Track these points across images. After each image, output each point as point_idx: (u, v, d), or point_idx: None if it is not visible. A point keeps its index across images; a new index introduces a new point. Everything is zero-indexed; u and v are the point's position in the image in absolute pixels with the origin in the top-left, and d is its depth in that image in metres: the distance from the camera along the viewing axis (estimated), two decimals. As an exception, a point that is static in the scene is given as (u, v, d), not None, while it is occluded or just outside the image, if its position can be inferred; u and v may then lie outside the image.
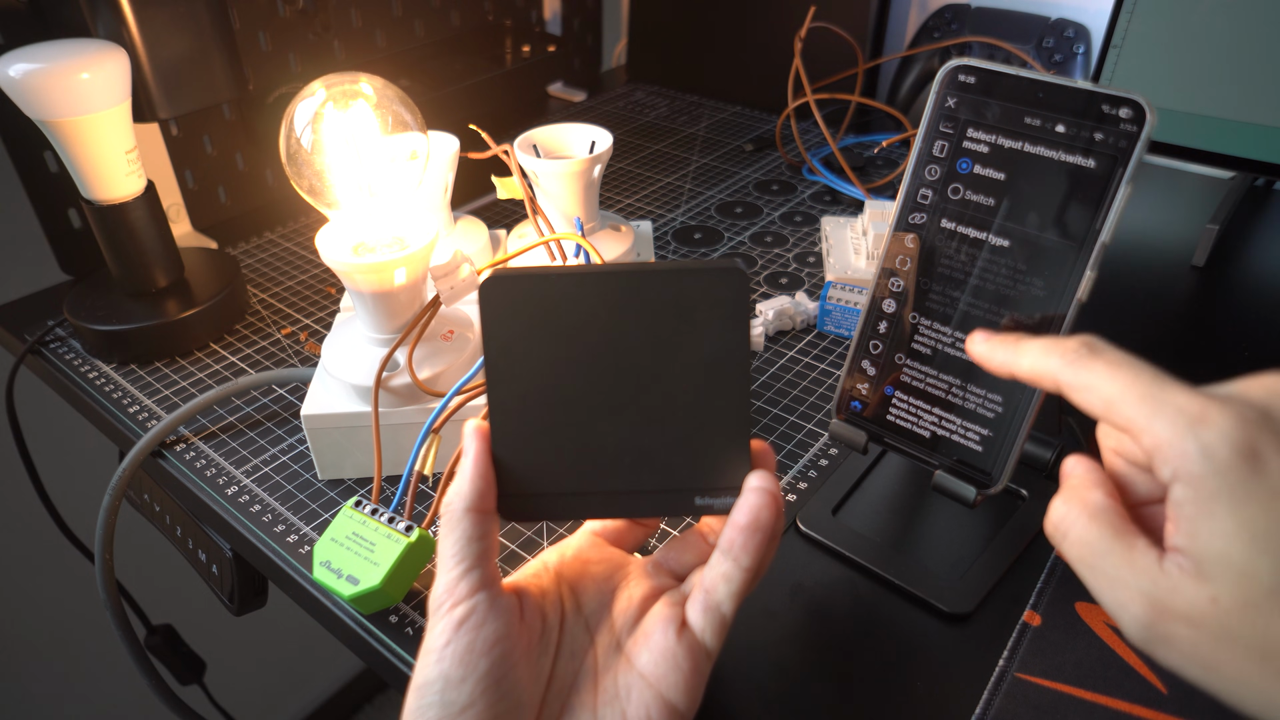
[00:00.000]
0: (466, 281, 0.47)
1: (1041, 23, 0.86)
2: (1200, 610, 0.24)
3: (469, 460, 0.34)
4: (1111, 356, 0.28)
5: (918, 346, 0.40)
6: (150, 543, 0.83)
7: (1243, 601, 0.24)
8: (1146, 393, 0.26)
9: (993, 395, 0.38)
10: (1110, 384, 0.27)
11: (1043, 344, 0.30)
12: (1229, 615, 0.24)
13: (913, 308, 0.39)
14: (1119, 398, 0.27)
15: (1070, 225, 0.35)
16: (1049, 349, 0.29)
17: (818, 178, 0.82)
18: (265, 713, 1.35)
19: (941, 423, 0.39)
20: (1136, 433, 0.26)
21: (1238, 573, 0.24)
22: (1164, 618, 0.25)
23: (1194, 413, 0.25)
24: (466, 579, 0.32)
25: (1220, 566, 0.24)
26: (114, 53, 0.54)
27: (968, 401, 0.38)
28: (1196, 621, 0.25)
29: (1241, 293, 0.65)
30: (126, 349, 0.61)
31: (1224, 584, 0.24)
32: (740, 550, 0.32)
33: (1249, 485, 0.24)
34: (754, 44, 0.99)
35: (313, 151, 0.46)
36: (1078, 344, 0.28)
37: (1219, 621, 0.24)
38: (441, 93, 0.88)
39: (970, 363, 0.38)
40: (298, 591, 0.46)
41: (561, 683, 0.34)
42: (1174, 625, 0.25)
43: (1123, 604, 0.26)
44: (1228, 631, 0.24)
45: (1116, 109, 0.34)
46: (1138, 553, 0.26)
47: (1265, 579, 0.23)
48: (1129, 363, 0.27)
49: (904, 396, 0.40)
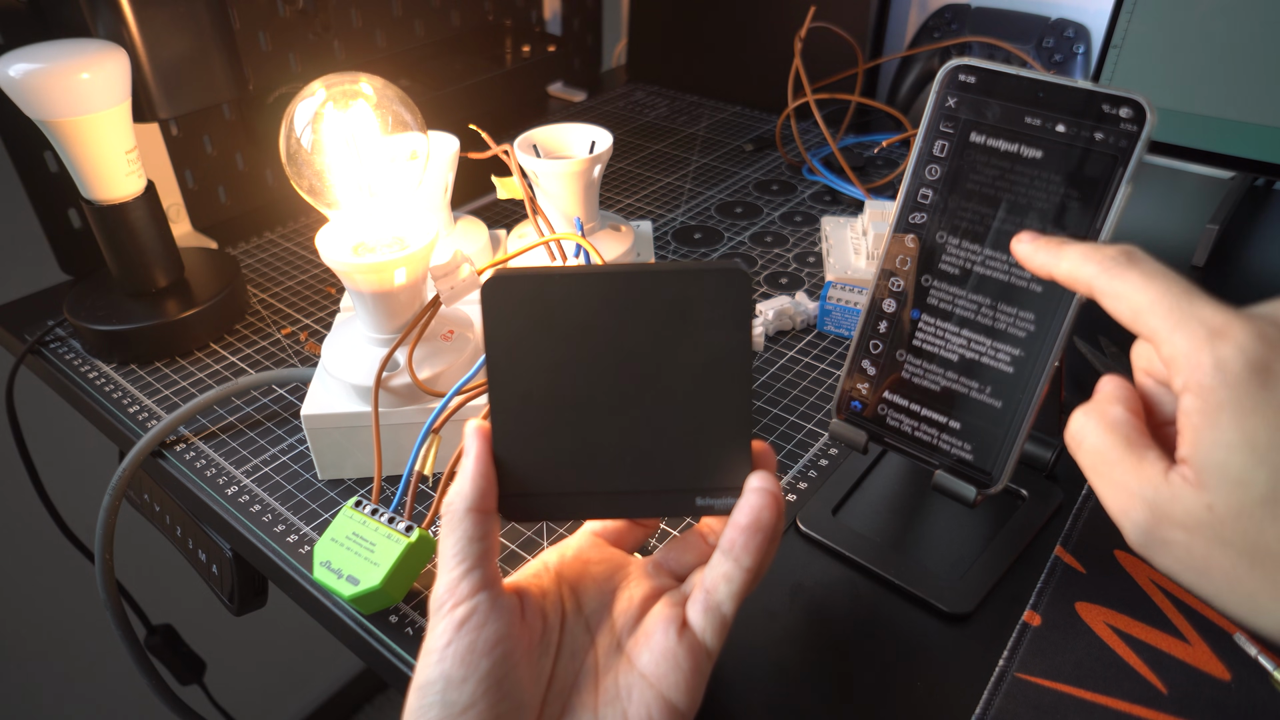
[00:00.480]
0: (466, 281, 0.47)
1: (1041, 23, 0.86)
2: (1197, 517, 0.26)
3: (470, 460, 0.34)
4: (1148, 267, 0.28)
5: (919, 345, 0.40)
6: (150, 543, 0.84)
7: (1237, 509, 0.25)
8: (1174, 304, 0.27)
9: (992, 395, 0.38)
10: (1140, 293, 0.28)
11: (1083, 249, 0.30)
12: (1223, 522, 0.25)
13: (912, 307, 0.39)
14: (1147, 307, 0.27)
15: (1070, 225, 0.35)
16: (1088, 255, 0.30)
17: (818, 178, 0.82)
18: (265, 713, 1.35)
19: (946, 417, 0.39)
20: (1159, 343, 0.27)
21: (1234, 481, 0.25)
22: (1163, 523, 0.26)
23: (1215, 326, 0.26)
24: (468, 579, 0.32)
25: (1218, 475, 0.25)
26: (114, 53, 0.54)
27: (968, 400, 0.38)
28: (1192, 527, 0.26)
29: (1241, 293, 0.65)
30: (126, 349, 0.61)
31: (1220, 492, 0.25)
32: (741, 550, 0.32)
33: (1256, 398, 0.25)
34: (754, 44, 0.99)
35: (313, 151, 0.46)
36: (1117, 251, 0.29)
37: (1213, 528, 0.25)
38: (441, 93, 0.88)
39: (970, 363, 0.38)
40: (298, 591, 0.46)
41: (562, 683, 0.34)
42: (1172, 530, 0.26)
43: (1125, 510, 0.27)
44: (1220, 537, 0.25)
45: (1116, 109, 0.34)
46: (1146, 463, 0.27)
47: (1260, 488, 0.25)
48: (1164, 274, 0.28)
49: (904, 395, 0.40)
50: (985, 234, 0.37)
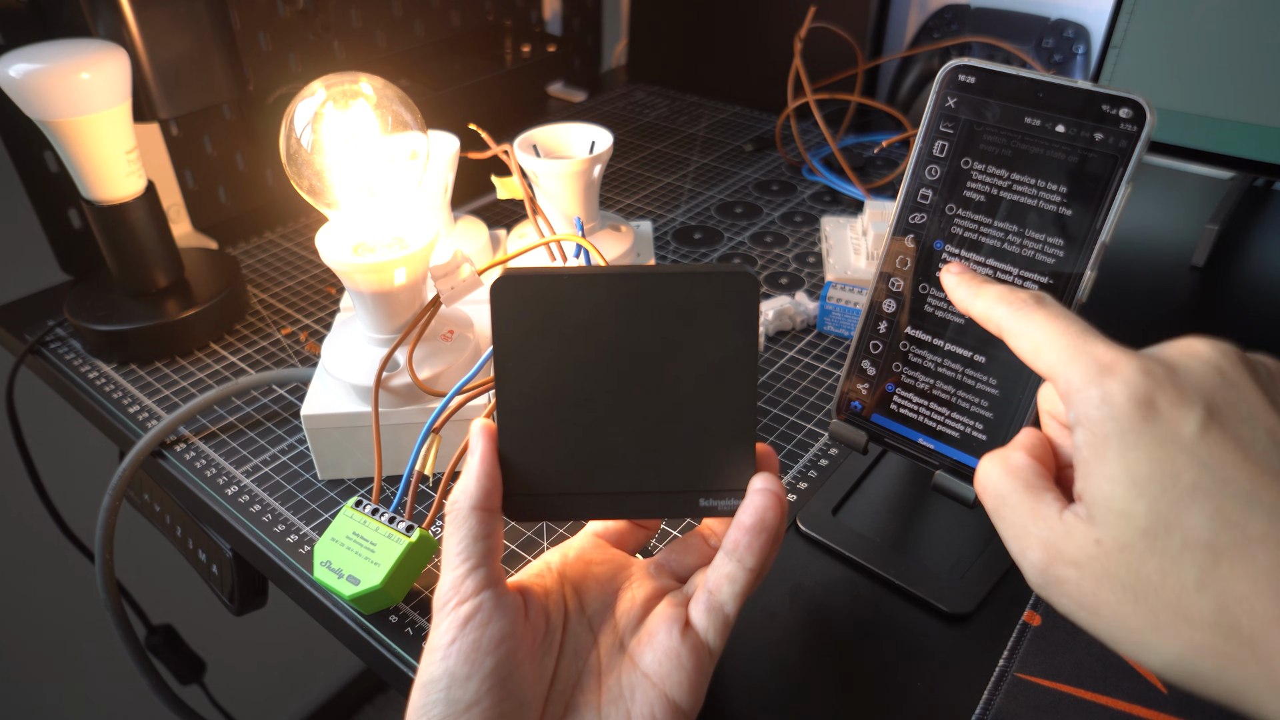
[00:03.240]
0: (466, 281, 0.47)
1: (1041, 23, 0.86)
2: (1087, 551, 0.26)
3: (475, 459, 0.34)
4: (1053, 309, 0.29)
5: (919, 341, 0.40)
6: (150, 543, 0.83)
7: (1121, 543, 0.25)
8: (1070, 341, 0.28)
9: (993, 395, 0.38)
10: (1041, 331, 0.29)
11: (1000, 291, 0.31)
12: (1109, 556, 0.25)
13: (912, 307, 0.39)
14: (1046, 343, 0.28)
15: (1070, 225, 0.35)
16: (1003, 296, 0.31)
17: (818, 178, 0.82)
18: (265, 713, 1.35)
19: (942, 422, 0.39)
20: (1055, 378, 0.28)
21: (1118, 514, 0.25)
22: (1056, 561, 0.27)
23: (1106, 362, 0.26)
24: (472, 577, 0.32)
25: (1104, 509, 0.25)
26: (114, 53, 0.54)
27: (968, 401, 0.38)
28: (1082, 563, 0.26)
29: (1241, 293, 0.65)
30: (126, 349, 0.61)
31: (1106, 526, 0.25)
32: (745, 551, 0.33)
33: (1139, 432, 0.25)
34: (754, 44, 0.99)
35: (313, 151, 0.46)
36: (1028, 295, 0.30)
37: (1100, 563, 0.25)
38: (441, 93, 0.88)
39: (971, 362, 0.38)
40: (298, 591, 0.46)
41: (565, 682, 0.34)
42: (1065, 568, 0.26)
43: (1023, 550, 0.28)
44: (1107, 572, 0.25)
45: (1116, 109, 0.34)
46: (1043, 504, 0.28)
47: (1140, 520, 0.25)
48: (1067, 315, 0.29)
49: (904, 395, 0.40)
50: (985, 236, 0.37)
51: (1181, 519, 0.24)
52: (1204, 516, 0.24)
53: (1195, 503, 0.24)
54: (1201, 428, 0.25)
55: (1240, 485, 0.24)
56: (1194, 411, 0.25)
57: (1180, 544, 0.24)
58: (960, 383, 0.38)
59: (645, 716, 0.32)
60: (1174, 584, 0.24)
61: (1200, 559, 0.24)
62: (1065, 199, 0.35)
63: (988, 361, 0.37)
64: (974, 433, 0.38)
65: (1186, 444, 0.25)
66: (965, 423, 0.38)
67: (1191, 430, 0.25)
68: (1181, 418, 0.25)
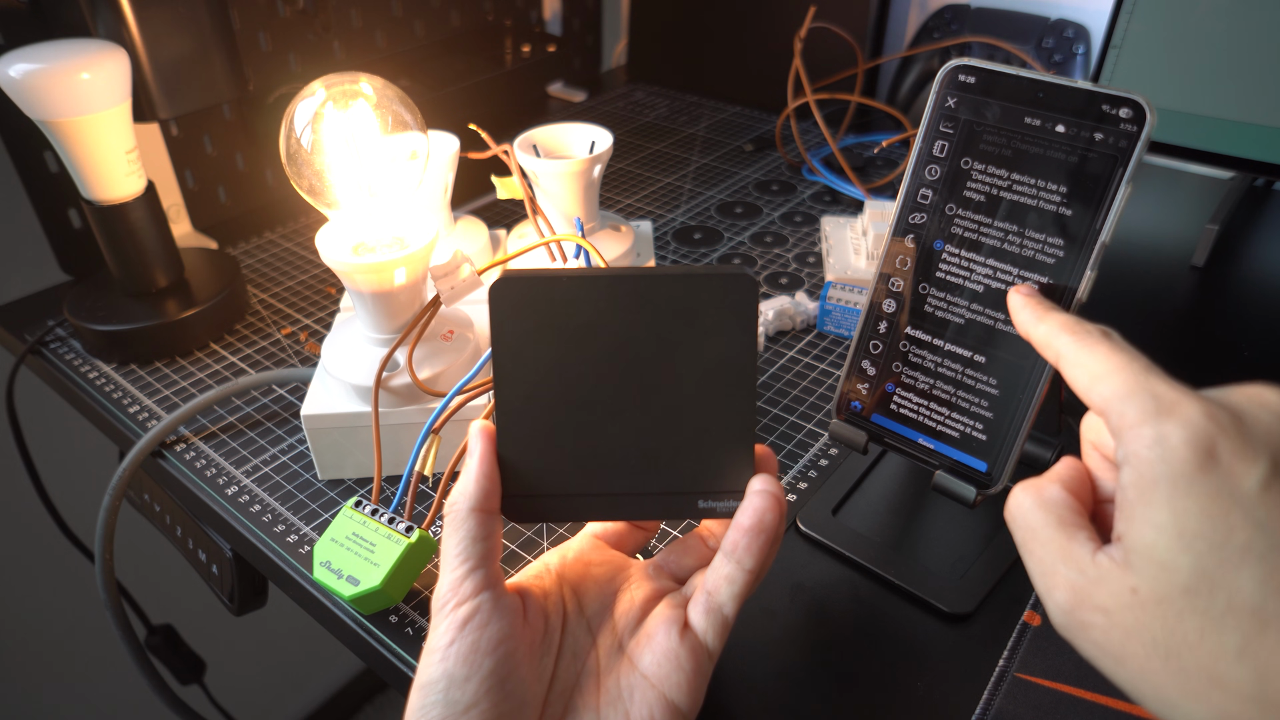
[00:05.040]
0: (466, 281, 0.47)
1: (1041, 23, 0.86)
2: (1119, 600, 0.25)
3: (474, 460, 0.34)
4: (1119, 344, 0.28)
5: (919, 341, 0.40)
6: (150, 543, 0.83)
7: (1159, 596, 0.24)
8: (1131, 375, 0.26)
9: (993, 395, 0.38)
10: (1102, 362, 0.27)
11: (1065, 320, 0.30)
12: (1144, 608, 0.24)
13: (912, 307, 0.39)
14: (1104, 375, 0.27)
15: (1070, 225, 0.35)
16: (1068, 326, 0.30)
17: (818, 178, 0.82)
18: (265, 713, 1.35)
19: (942, 422, 0.39)
20: (1109, 412, 0.26)
21: (1159, 565, 0.24)
22: (1084, 605, 0.26)
23: (1167, 402, 0.25)
24: (471, 578, 0.32)
25: (1145, 558, 0.24)
26: (114, 53, 0.54)
27: (968, 401, 0.38)
28: (1114, 610, 0.25)
29: (1241, 293, 0.65)
30: (126, 349, 0.61)
31: (1145, 576, 0.24)
32: (744, 552, 0.33)
33: (1193, 481, 0.24)
34: (754, 44, 0.99)
35: (313, 151, 0.46)
36: (1095, 329, 0.29)
37: (1134, 613, 0.24)
38: (441, 93, 0.88)
39: (971, 362, 0.38)
40: (298, 591, 0.46)
41: (563, 683, 0.34)
42: (1092, 613, 0.25)
43: (1049, 589, 0.27)
44: (1140, 624, 0.24)
45: (1116, 109, 0.34)
46: (1075, 543, 0.27)
47: (1183, 575, 0.23)
48: (1130, 352, 0.27)
49: (904, 395, 0.40)
50: (985, 236, 0.37)
51: (1229, 580, 0.23)
52: (1254, 581, 0.23)
53: (1246, 565, 0.23)
54: (1263, 485, 0.23)
55: None
56: (1257, 466, 0.23)
57: (1224, 606, 0.23)
58: (960, 383, 0.38)
59: (644, 717, 0.32)
60: (1212, 647, 0.23)
61: (1245, 625, 0.23)
62: (1065, 199, 0.35)
63: (988, 361, 0.37)
64: (974, 433, 0.38)
65: (1244, 500, 0.23)
66: (965, 423, 0.38)
67: (1252, 486, 0.23)
68: (1243, 471, 0.23)
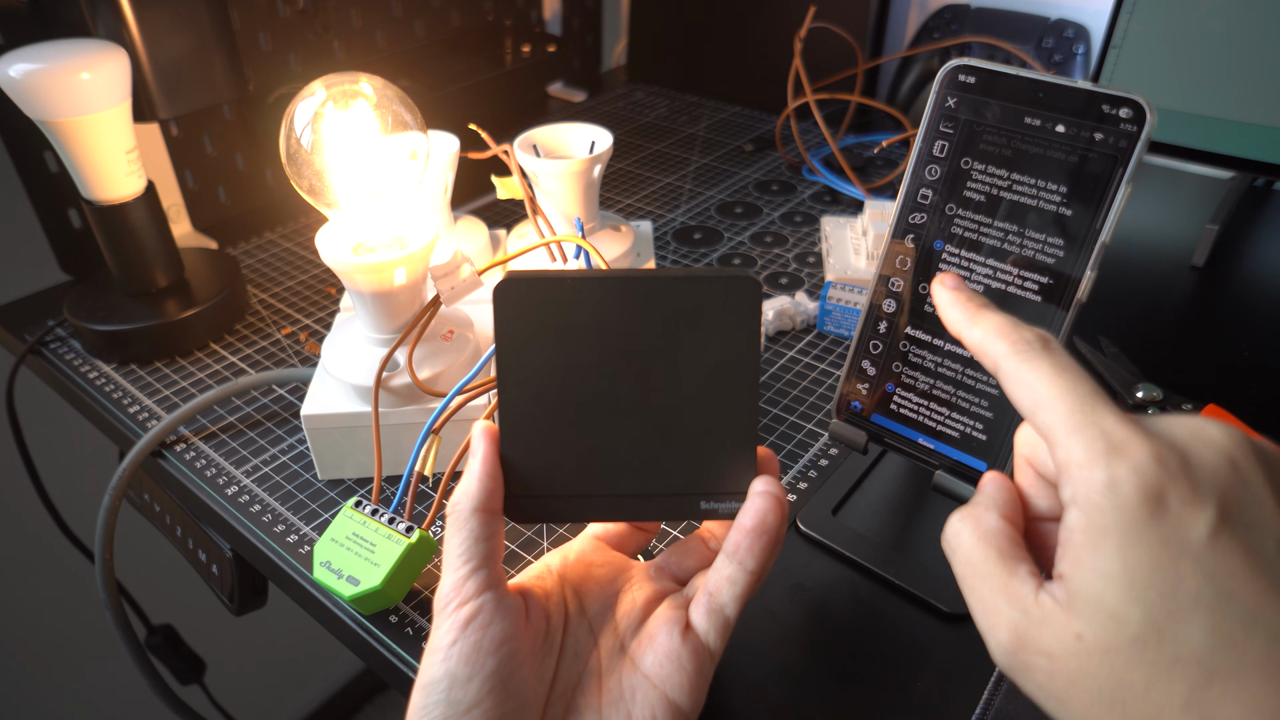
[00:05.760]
0: (466, 281, 0.47)
1: (1041, 23, 0.86)
2: (1064, 645, 0.24)
3: (477, 460, 0.34)
4: (1061, 360, 0.27)
5: (919, 341, 0.40)
6: (150, 543, 0.83)
7: (1105, 645, 0.23)
8: (1078, 406, 0.25)
9: (992, 395, 0.38)
10: (1046, 386, 0.26)
11: (1000, 322, 0.29)
12: (1089, 655, 0.23)
13: (911, 307, 0.39)
14: (1049, 402, 0.26)
15: (1070, 225, 0.35)
16: (1004, 330, 0.28)
17: (818, 178, 0.82)
18: (265, 713, 1.35)
19: (942, 422, 0.39)
20: (1054, 443, 0.25)
21: (1107, 614, 0.23)
22: (1027, 648, 0.25)
23: (1115, 440, 0.24)
24: (473, 578, 0.32)
25: (1092, 605, 0.23)
26: (114, 53, 0.54)
27: (968, 401, 0.38)
28: (1058, 655, 0.24)
29: (1241, 293, 0.65)
30: (126, 349, 0.61)
31: (1091, 623, 0.23)
32: (746, 553, 0.33)
33: (1143, 529, 0.23)
34: (754, 44, 0.99)
35: (313, 151, 0.46)
36: (1034, 336, 0.28)
37: (1079, 660, 0.24)
38: (441, 93, 0.88)
39: (971, 362, 0.38)
40: (298, 591, 0.46)
41: (565, 684, 0.34)
42: (1035, 657, 0.25)
43: (991, 628, 0.26)
44: (1085, 671, 0.23)
45: (1116, 109, 0.34)
46: (1017, 580, 0.26)
47: (1132, 627, 0.23)
48: (1075, 371, 0.26)
49: (904, 395, 0.40)
50: (985, 236, 0.37)
51: (1177, 631, 0.22)
52: (1203, 632, 0.22)
53: (1195, 616, 0.22)
54: (1212, 532, 0.23)
55: (1244, 602, 0.22)
56: (1206, 513, 0.23)
57: (1172, 658, 0.22)
58: (960, 383, 0.38)
59: (646, 718, 0.32)
60: (1158, 698, 0.22)
61: (1191, 677, 0.22)
62: (1065, 199, 0.35)
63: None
64: (974, 433, 0.38)
65: (1193, 549, 0.23)
66: (965, 423, 0.38)
67: (1200, 534, 0.23)
68: (1191, 519, 0.23)
